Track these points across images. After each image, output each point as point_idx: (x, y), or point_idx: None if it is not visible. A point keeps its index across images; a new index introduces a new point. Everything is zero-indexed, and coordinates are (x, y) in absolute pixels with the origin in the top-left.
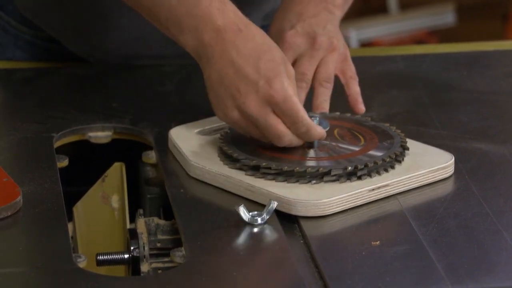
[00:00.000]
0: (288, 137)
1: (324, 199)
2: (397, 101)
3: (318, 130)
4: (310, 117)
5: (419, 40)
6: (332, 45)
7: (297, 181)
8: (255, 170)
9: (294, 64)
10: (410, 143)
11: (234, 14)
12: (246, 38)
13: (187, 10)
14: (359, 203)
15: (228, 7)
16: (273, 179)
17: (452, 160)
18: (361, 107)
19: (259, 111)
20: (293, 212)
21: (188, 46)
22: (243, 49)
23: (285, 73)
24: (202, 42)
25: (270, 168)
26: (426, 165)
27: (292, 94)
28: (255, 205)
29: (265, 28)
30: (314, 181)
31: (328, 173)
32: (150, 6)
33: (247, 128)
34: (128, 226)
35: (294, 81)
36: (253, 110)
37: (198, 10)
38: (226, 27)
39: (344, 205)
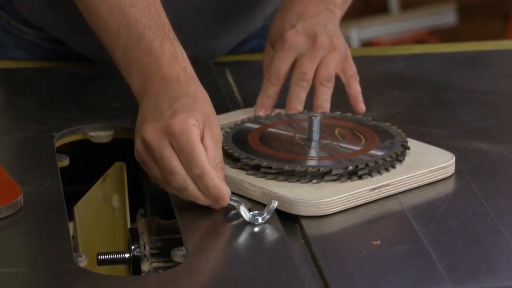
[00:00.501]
0: (180, 177)
1: (325, 199)
2: (397, 100)
3: (216, 182)
4: (311, 116)
5: (419, 40)
6: (333, 45)
7: (298, 181)
8: (256, 169)
9: (294, 63)
10: (411, 142)
11: (181, 69)
12: (180, 87)
13: (139, 57)
14: (360, 202)
15: (178, 62)
16: (274, 178)
17: (452, 160)
18: (362, 106)
19: (155, 139)
20: (294, 212)
21: (133, 89)
22: (171, 92)
23: (199, 118)
24: (144, 87)
25: (271, 167)
26: (427, 165)
27: (193, 132)
28: (256, 204)
29: (266, 28)
30: (315, 181)
31: (329, 172)
32: (110, 46)
33: (148, 163)
34: (129, 225)
35: (217, 141)
36: (150, 137)
37: (149, 59)
38: (167, 76)
39: (345, 204)
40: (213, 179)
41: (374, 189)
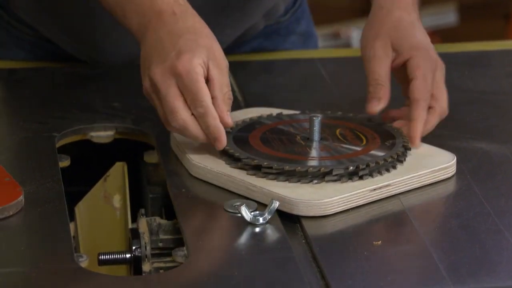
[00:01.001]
0: (181, 116)
1: (326, 199)
2: (398, 101)
3: (217, 123)
4: (312, 117)
5: None
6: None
7: (298, 181)
8: (257, 169)
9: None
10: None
11: (174, 0)
12: (177, 21)
13: None
14: (360, 203)
15: None
16: (275, 178)
17: (454, 161)
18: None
19: (162, 80)
20: (295, 212)
21: (132, 29)
22: (171, 28)
23: (201, 53)
24: (142, 24)
25: (271, 167)
26: (428, 165)
27: (198, 72)
28: (258, 204)
29: (267, 28)
30: (316, 181)
31: (329, 172)
32: None
33: (154, 100)
34: (130, 225)
35: (224, 70)
36: (157, 78)
37: None
38: (162, 10)
39: (346, 205)
40: (215, 119)
41: (375, 189)
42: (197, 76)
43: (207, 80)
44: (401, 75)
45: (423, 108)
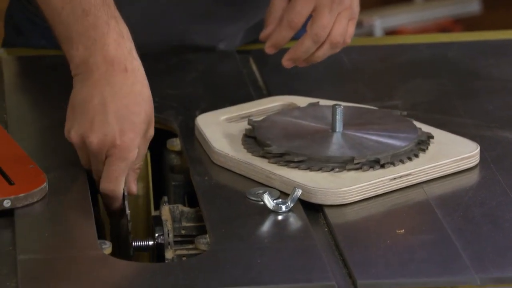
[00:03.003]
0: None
1: (344, 188)
2: (421, 89)
3: (120, 200)
4: (335, 106)
5: (444, 28)
6: (350, 1)
7: (320, 169)
8: (278, 157)
9: (313, 11)
10: (435, 132)
11: (128, 52)
12: (127, 81)
13: (83, 31)
14: (380, 192)
15: (125, 42)
16: (296, 167)
17: (477, 150)
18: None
19: (98, 150)
20: (313, 200)
21: (72, 62)
22: (117, 89)
23: (142, 131)
24: (87, 63)
25: (293, 155)
26: (450, 155)
27: (131, 158)
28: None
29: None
30: (337, 169)
31: (351, 161)
32: (52, 17)
33: (78, 151)
34: (153, 213)
35: (148, 142)
36: (94, 147)
37: (94, 34)
38: (115, 61)
39: (365, 194)
40: (119, 202)
41: (394, 178)
42: (128, 162)
43: None
44: None
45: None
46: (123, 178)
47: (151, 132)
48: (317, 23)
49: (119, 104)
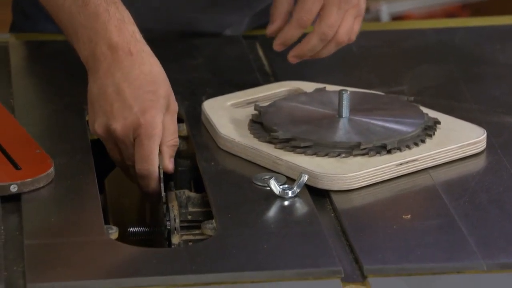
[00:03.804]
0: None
1: (350, 173)
2: (428, 75)
3: (157, 179)
4: (341, 91)
5: (451, 13)
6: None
7: (326, 155)
8: (285, 143)
9: (321, 9)
10: (442, 117)
11: (131, 35)
12: (134, 64)
13: (85, 22)
14: (386, 177)
15: (126, 26)
16: (303, 152)
17: (484, 135)
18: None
19: (124, 136)
20: (319, 186)
21: (81, 56)
22: (127, 73)
23: (163, 107)
24: (94, 55)
25: (299, 141)
26: (457, 140)
27: (158, 134)
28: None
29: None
30: (344, 155)
31: (357, 146)
32: (56, 11)
33: (109, 145)
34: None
35: (174, 116)
36: (119, 134)
37: (96, 24)
38: (118, 46)
39: (371, 179)
40: (156, 181)
41: (401, 164)
42: (156, 138)
43: None
44: None
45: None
46: (156, 156)
47: (174, 106)
48: (325, 22)
49: (132, 86)
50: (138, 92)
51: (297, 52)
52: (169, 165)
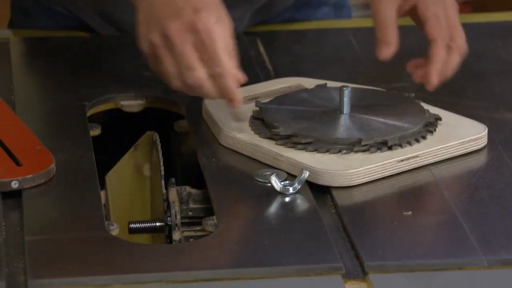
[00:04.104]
0: (199, 73)
1: (351, 170)
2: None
3: (233, 84)
4: (342, 87)
5: None
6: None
7: (327, 151)
8: (286, 139)
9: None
10: (443, 113)
11: None
12: None
13: None
14: (388, 173)
15: None
16: (303, 148)
17: (485, 132)
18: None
19: (178, 36)
20: (320, 182)
21: None
22: None
23: (215, 11)
24: None
25: (300, 137)
26: (458, 136)
27: (216, 31)
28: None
29: (298, 1)
30: (345, 151)
31: (358, 143)
32: None
33: (162, 57)
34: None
35: (228, 28)
36: (173, 33)
37: None
38: None
39: (372, 175)
40: (231, 80)
41: (402, 160)
42: (215, 35)
43: None
44: (417, 19)
45: (441, 47)
46: (223, 53)
47: (226, 18)
48: (461, 37)
49: None
50: None
51: (441, 77)
52: (239, 75)
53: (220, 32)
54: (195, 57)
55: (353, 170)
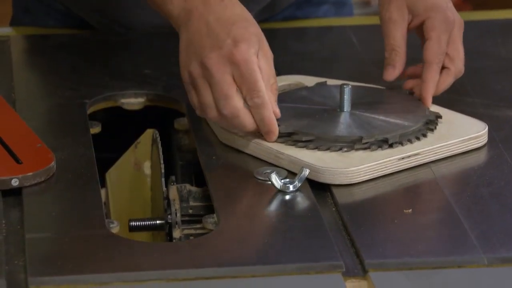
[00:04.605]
0: (235, 103)
1: (352, 167)
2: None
3: (272, 115)
4: (343, 85)
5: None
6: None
7: (328, 149)
8: (286, 137)
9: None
10: (443, 111)
11: None
12: (226, 7)
13: None
14: (388, 171)
15: None
16: (304, 146)
17: (485, 130)
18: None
19: (217, 67)
20: (321, 180)
21: (173, 14)
22: (220, 15)
23: (255, 43)
24: (185, 9)
25: (301, 135)
26: (459, 134)
27: (255, 62)
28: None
29: None
30: (345, 149)
31: (359, 141)
32: None
33: (199, 87)
34: (164, 192)
35: (270, 60)
36: (212, 64)
37: None
38: None
39: (373, 173)
40: (270, 111)
41: (403, 158)
42: (255, 66)
43: None
44: (421, 33)
45: (435, 70)
46: (262, 82)
47: (268, 51)
48: (459, 59)
49: (225, 25)
50: (230, 27)
51: (433, 94)
52: (276, 109)
53: (260, 63)
54: (233, 87)
55: (354, 168)
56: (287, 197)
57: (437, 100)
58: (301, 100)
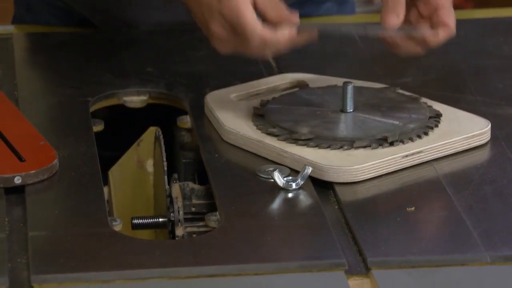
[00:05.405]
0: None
1: (356, 165)
2: (432, 67)
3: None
4: (345, 83)
5: (455, 6)
6: None
7: (328, 147)
8: (288, 135)
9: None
10: (446, 109)
11: None
12: None
13: None
14: (392, 169)
15: None
16: (305, 144)
17: (488, 127)
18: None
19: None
20: (325, 178)
21: None
22: None
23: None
24: None
25: (302, 133)
26: (461, 132)
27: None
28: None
29: None
30: (346, 147)
31: (360, 139)
32: None
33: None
34: (167, 190)
35: None
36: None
37: None
38: None
39: (377, 171)
40: (285, 33)
41: (406, 156)
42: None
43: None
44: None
45: (452, 12)
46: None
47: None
48: (453, 17)
49: None
50: None
51: (431, 47)
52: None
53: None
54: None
55: (358, 166)
56: (290, 195)
57: (439, 98)
58: (303, 100)
